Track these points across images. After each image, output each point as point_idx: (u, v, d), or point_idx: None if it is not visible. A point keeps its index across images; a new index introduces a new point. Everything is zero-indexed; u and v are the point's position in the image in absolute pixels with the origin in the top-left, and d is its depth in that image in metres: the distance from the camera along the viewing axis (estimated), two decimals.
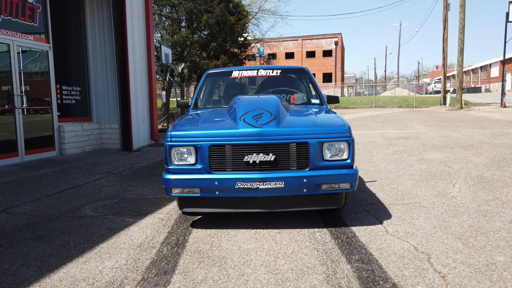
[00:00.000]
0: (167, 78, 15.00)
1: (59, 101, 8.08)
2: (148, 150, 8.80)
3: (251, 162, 3.07)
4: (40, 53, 7.63)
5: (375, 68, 72.05)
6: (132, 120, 8.84)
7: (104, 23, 8.79)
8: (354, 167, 3.19)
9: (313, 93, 4.57)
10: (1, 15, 6.72)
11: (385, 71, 71.37)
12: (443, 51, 24.26)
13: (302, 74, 4.80)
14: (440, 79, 39.78)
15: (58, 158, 7.70)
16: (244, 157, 3.07)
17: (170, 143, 3.16)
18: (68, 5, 8.49)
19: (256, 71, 4.71)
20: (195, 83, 20.68)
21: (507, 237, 2.98)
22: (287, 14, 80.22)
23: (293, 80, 4.83)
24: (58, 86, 8.05)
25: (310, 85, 4.67)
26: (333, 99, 4.63)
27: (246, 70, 4.75)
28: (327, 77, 51.97)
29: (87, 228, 3.41)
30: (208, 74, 4.84)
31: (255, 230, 3.24)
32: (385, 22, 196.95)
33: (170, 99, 19.80)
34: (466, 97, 31.56)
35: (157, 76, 15.32)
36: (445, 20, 23.62)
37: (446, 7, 23.22)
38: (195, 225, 3.42)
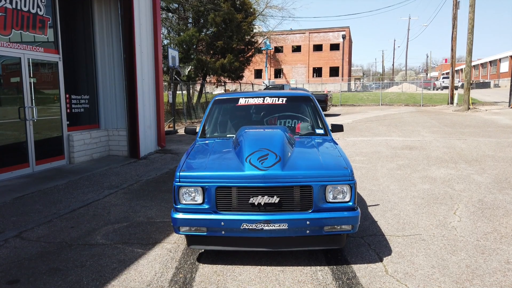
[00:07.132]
0: (173, 79, 15.08)
1: (68, 110, 8.23)
2: (155, 158, 8.95)
3: (256, 203, 3.19)
4: (50, 64, 7.75)
5: (382, 62, 71.44)
6: (139, 127, 8.98)
7: (113, 32, 8.88)
8: (356, 208, 3.30)
9: (318, 121, 4.65)
10: (13, 29, 6.84)
11: (392, 65, 70.68)
12: (452, 49, 24.04)
13: (308, 102, 4.88)
14: (448, 73, 39.42)
15: (68, 167, 7.88)
16: (249, 199, 3.20)
17: (178, 183, 3.29)
18: (77, 15, 8.58)
19: (263, 98, 4.81)
20: (201, 81, 20.74)
21: (502, 281, 3.09)
22: (294, 10, 79.82)
23: (298, 107, 4.92)
24: (67, 95, 8.19)
25: (315, 113, 4.75)
26: (337, 128, 4.71)
27: (253, 97, 4.85)
28: (334, 71, 51.70)
29: (98, 260, 3.56)
30: (216, 101, 4.95)
31: (259, 267, 3.37)
32: (394, 16, 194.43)
33: (177, 92, 19.87)
34: (474, 93, 31.28)
35: (164, 76, 15.40)
36: (455, 19, 23.36)
37: (456, 5, 22.94)
38: (201, 259, 3.56)
